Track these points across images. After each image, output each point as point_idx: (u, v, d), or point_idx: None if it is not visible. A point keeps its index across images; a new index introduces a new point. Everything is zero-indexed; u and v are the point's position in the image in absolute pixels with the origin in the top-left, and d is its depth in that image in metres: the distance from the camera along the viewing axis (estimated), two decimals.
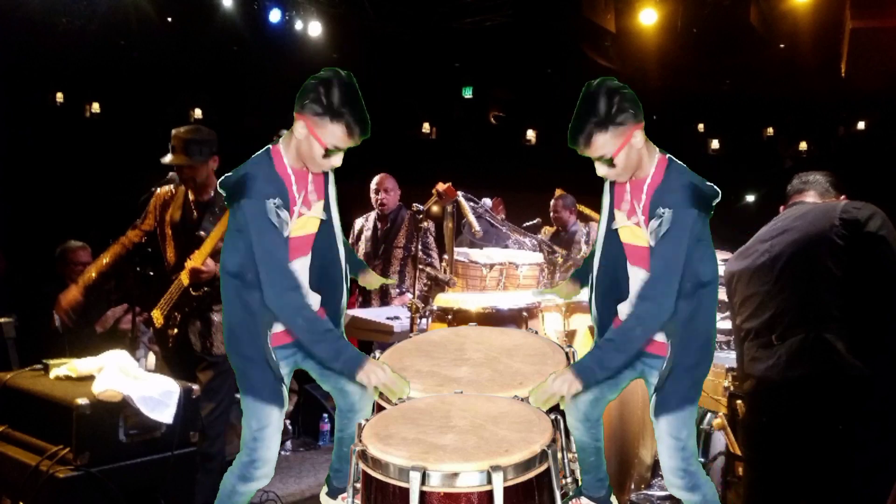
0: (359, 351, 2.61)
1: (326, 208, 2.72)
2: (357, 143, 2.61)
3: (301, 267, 2.66)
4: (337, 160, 2.61)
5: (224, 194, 2.60)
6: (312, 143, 2.56)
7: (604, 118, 2.45)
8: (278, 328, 2.64)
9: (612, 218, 2.65)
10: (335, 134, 2.55)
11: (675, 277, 2.45)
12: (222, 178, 2.60)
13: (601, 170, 2.54)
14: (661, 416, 2.57)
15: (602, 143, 2.47)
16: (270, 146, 2.64)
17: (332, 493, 2.89)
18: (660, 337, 2.57)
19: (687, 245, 2.44)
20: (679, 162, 2.56)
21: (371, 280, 3.16)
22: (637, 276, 2.58)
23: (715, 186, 2.51)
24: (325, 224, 2.72)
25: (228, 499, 2.68)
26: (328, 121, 2.53)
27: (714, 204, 2.50)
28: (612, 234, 2.65)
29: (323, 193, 2.71)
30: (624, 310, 2.59)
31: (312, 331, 2.57)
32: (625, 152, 2.47)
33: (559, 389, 2.46)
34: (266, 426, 2.65)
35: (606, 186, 2.68)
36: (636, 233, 2.56)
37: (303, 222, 2.64)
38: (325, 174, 2.72)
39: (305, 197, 2.64)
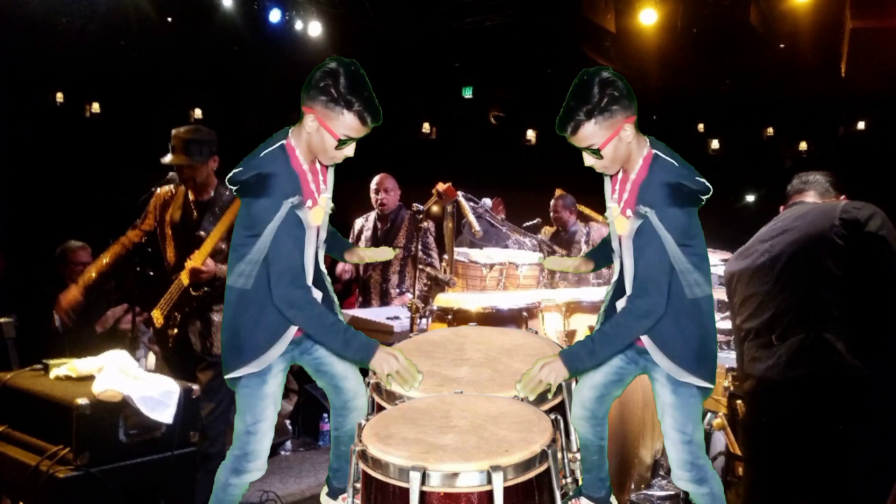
0: (369, 339, 2.63)
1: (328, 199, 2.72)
2: (369, 131, 2.58)
3: (309, 258, 2.65)
4: (349, 150, 2.59)
5: (234, 188, 2.57)
6: (324, 136, 2.54)
7: (593, 108, 2.43)
8: None
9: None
10: (346, 124, 2.52)
11: (664, 276, 2.44)
12: (233, 172, 2.56)
13: (588, 160, 2.53)
14: (666, 411, 2.57)
15: (590, 133, 2.46)
16: (284, 141, 2.60)
17: (333, 494, 2.89)
18: None
19: (672, 242, 2.43)
20: (666, 158, 2.51)
21: (359, 255, 3.11)
22: (624, 267, 2.58)
23: (706, 182, 2.48)
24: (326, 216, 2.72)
25: (223, 492, 2.67)
26: (338, 111, 2.51)
27: (704, 198, 2.48)
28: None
29: (328, 184, 2.71)
30: (620, 304, 2.59)
31: (321, 325, 2.58)
32: (613, 145, 2.47)
33: (546, 377, 2.49)
34: (261, 421, 2.64)
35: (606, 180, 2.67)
36: (623, 224, 2.54)
37: (314, 215, 2.62)
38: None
39: (318, 190, 2.64)
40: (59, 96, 11.61)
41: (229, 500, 2.68)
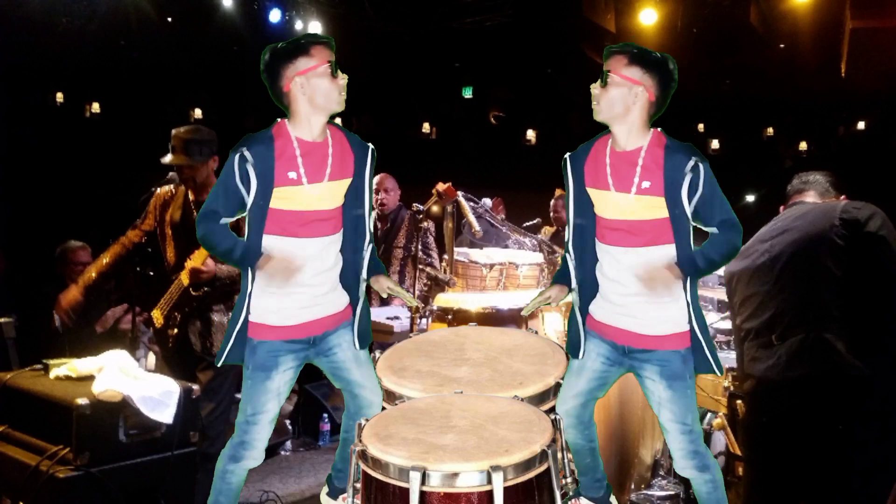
0: (258, 251, 2.62)
1: (357, 190, 2.70)
2: (332, 47, 2.65)
3: (329, 244, 2.66)
4: (343, 78, 2.64)
5: None
6: (314, 76, 2.58)
7: (635, 55, 2.54)
8: (279, 321, 2.64)
9: (585, 202, 2.62)
10: (320, 54, 2.60)
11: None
12: None
13: (595, 87, 2.58)
14: (663, 405, 2.58)
15: (616, 62, 2.56)
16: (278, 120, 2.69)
17: (333, 494, 2.89)
18: (650, 330, 2.57)
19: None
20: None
21: (383, 285, 2.87)
22: (654, 257, 2.55)
23: None
24: (350, 206, 2.70)
25: (221, 480, 2.69)
26: (304, 55, 2.59)
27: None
28: (586, 226, 2.65)
29: (351, 172, 2.68)
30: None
31: (214, 233, 2.67)
32: (624, 86, 2.53)
33: (668, 275, 2.53)
34: (261, 413, 2.65)
35: (569, 168, 2.66)
36: (647, 204, 2.52)
37: (293, 193, 2.60)
38: (358, 155, 2.71)
39: (319, 171, 2.61)
40: (59, 96, 11.61)
41: (228, 489, 2.69)
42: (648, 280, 2.53)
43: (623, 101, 2.53)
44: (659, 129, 2.59)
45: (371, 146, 2.77)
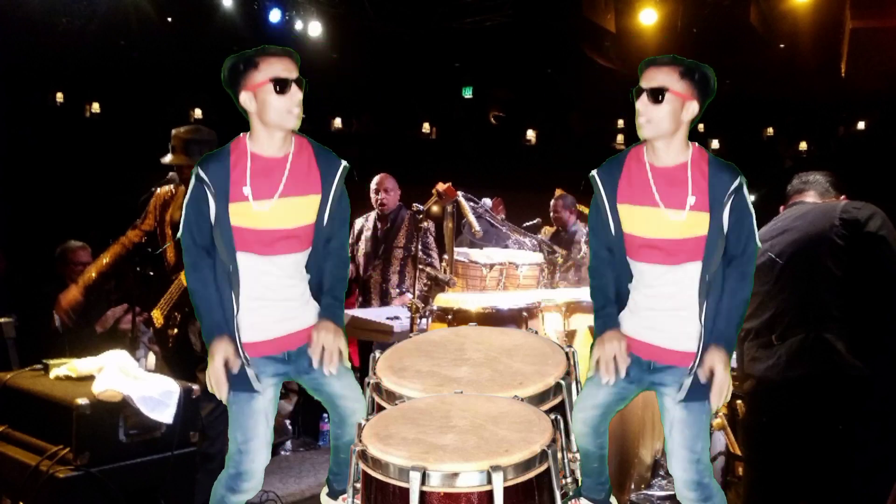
0: (221, 330, 2.52)
1: (324, 206, 2.58)
2: (291, 62, 2.52)
3: (300, 261, 2.59)
4: (296, 94, 2.51)
5: None
6: (261, 93, 2.48)
7: (687, 67, 2.45)
8: (254, 337, 2.58)
9: (616, 219, 2.52)
10: (268, 69, 2.49)
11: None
12: None
13: (642, 103, 2.44)
14: (675, 427, 2.50)
15: (669, 78, 2.44)
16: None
17: (333, 495, 2.88)
18: (677, 345, 2.50)
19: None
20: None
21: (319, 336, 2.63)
22: (686, 274, 2.46)
23: None
24: (319, 222, 2.59)
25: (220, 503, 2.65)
26: (251, 70, 2.50)
27: None
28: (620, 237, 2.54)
29: (319, 189, 2.57)
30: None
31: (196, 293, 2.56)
32: (678, 102, 2.42)
33: (726, 376, 2.44)
34: (252, 439, 2.59)
35: (600, 184, 2.53)
36: (694, 221, 2.43)
37: (237, 210, 2.51)
38: (325, 171, 2.59)
39: (269, 188, 2.51)
40: (59, 96, 11.62)
41: None
42: (719, 395, 2.44)
43: (675, 118, 2.42)
44: (696, 143, 2.52)
45: (344, 163, 2.63)
